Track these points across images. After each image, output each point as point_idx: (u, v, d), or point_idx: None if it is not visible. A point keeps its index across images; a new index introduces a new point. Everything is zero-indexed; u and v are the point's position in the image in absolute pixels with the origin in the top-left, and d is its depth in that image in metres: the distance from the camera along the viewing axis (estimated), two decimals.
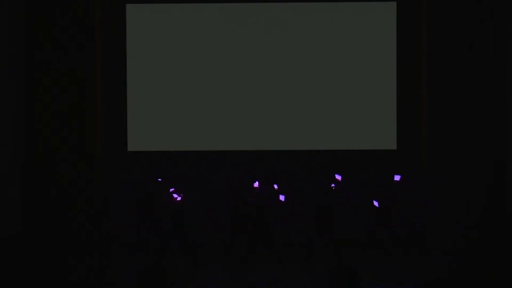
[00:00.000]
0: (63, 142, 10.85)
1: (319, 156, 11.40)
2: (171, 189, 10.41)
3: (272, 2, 11.39)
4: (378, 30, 11.42)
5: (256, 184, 10.25)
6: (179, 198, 10.22)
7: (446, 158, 10.88)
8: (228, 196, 11.07)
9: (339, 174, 10.24)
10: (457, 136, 10.88)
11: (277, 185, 10.15)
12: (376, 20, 11.44)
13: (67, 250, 10.38)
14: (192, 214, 10.88)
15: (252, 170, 11.35)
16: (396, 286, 8.87)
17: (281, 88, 11.45)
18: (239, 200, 10.59)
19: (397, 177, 9.96)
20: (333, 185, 9.99)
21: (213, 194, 11.30)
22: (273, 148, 11.46)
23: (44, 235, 10.70)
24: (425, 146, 11.13)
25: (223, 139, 11.46)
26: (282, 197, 10.20)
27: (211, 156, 11.44)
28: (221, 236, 10.81)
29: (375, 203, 9.87)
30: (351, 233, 10.89)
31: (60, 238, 10.66)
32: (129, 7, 11.48)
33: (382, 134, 11.46)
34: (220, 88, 11.47)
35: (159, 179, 10.65)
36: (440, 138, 10.93)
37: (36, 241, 10.59)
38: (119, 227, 11.03)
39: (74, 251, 10.36)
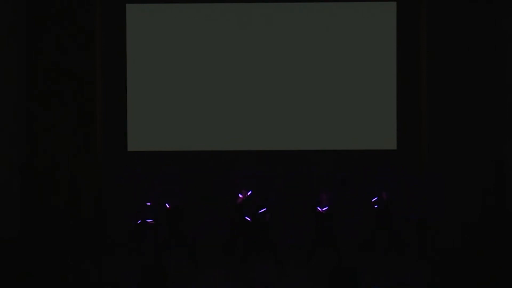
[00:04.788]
0: (63, 142, 10.85)
1: (320, 156, 11.41)
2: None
3: (272, 2, 11.40)
4: (378, 30, 11.43)
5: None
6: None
7: (446, 158, 10.89)
8: (227, 196, 11.07)
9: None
10: (457, 136, 10.88)
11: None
12: (376, 20, 11.44)
13: (66, 251, 10.38)
14: (192, 214, 10.88)
15: (252, 170, 11.36)
16: (396, 286, 8.87)
17: (281, 88, 11.46)
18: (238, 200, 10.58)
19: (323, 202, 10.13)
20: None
21: (212, 194, 11.30)
22: (273, 148, 11.47)
23: (43, 236, 10.69)
24: (425, 146, 11.14)
25: (223, 139, 11.47)
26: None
27: (211, 156, 11.45)
28: (221, 236, 10.81)
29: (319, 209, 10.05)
30: (351, 234, 10.91)
31: (59, 239, 10.66)
32: (129, 7, 11.49)
33: (382, 134, 11.47)
34: (220, 89, 11.48)
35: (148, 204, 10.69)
36: (440, 138, 10.94)
37: (35, 243, 10.59)
38: (119, 228, 11.04)
39: (74, 251, 10.36)
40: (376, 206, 10.38)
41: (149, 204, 10.63)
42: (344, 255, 10.05)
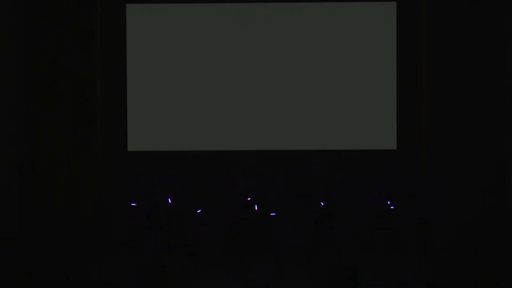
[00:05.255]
0: (63, 142, 10.85)
1: (320, 156, 11.41)
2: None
3: (272, 2, 11.40)
4: (378, 30, 11.43)
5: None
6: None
7: (446, 158, 10.89)
8: (227, 197, 11.08)
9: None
10: (457, 136, 10.88)
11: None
12: (376, 20, 11.44)
13: (66, 251, 10.37)
14: (192, 214, 10.88)
15: (252, 170, 11.36)
16: (396, 286, 8.87)
17: (281, 88, 11.46)
18: (238, 200, 10.58)
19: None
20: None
21: (212, 194, 11.30)
22: (273, 148, 11.46)
23: (43, 236, 10.69)
24: (425, 146, 11.14)
25: (223, 139, 11.47)
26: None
27: (211, 156, 11.44)
28: (221, 236, 10.81)
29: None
30: (351, 234, 10.91)
31: (59, 239, 10.66)
32: (129, 7, 11.49)
33: (382, 134, 11.47)
34: (220, 89, 11.48)
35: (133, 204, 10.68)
36: (440, 138, 10.94)
37: (35, 243, 10.59)
38: (119, 228, 11.03)
39: (74, 251, 10.35)
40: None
41: (134, 204, 10.63)
42: (344, 255, 10.05)
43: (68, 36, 10.85)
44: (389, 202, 10.33)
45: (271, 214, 10.07)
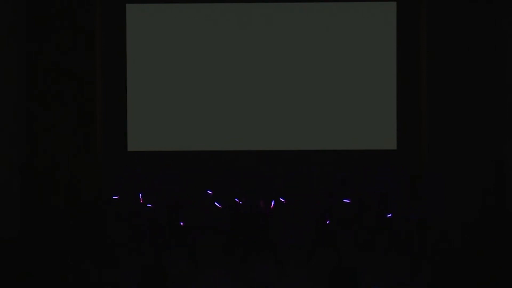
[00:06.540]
0: (63, 142, 10.85)
1: (320, 156, 11.41)
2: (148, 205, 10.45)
3: (272, 2, 11.40)
4: (378, 30, 11.43)
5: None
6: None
7: (446, 158, 10.89)
8: (227, 196, 11.07)
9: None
10: (457, 136, 10.88)
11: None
12: (376, 20, 11.44)
13: (66, 251, 10.37)
14: (192, 214, 10.89)
15: (252, 170, 11.35)
16: (396, 286, 8.87)
17: (281, 88, 11.46)
18: (238, 200, 10.59)
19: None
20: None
21: (213, 193, 11.30)
22: (273, 148, 11.46)
23: (43, 236, 10.69)
24: (425, 146, 11.14)
25: (223, 139, 11.47)
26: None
27: (211, 156, 11.44)
28: (221, 236, 10.81)
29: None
30: (351, 234, 10.91)
31: (59, 239, 10.65)
32: (129, 7, 11.49)
33: (382, 134, 11.47)
34: (220, 88, 11.48)
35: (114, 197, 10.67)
36: (440, 138, 10.93)
37: (35, 243, 10.59)
38: (119, 228, 11.03)
39: (74, 252, 10.35)
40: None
41: (150, 205, 10.63)
42: (344, 255, 10.05)
43: (68, 36, 10.85)
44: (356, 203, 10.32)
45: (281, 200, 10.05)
